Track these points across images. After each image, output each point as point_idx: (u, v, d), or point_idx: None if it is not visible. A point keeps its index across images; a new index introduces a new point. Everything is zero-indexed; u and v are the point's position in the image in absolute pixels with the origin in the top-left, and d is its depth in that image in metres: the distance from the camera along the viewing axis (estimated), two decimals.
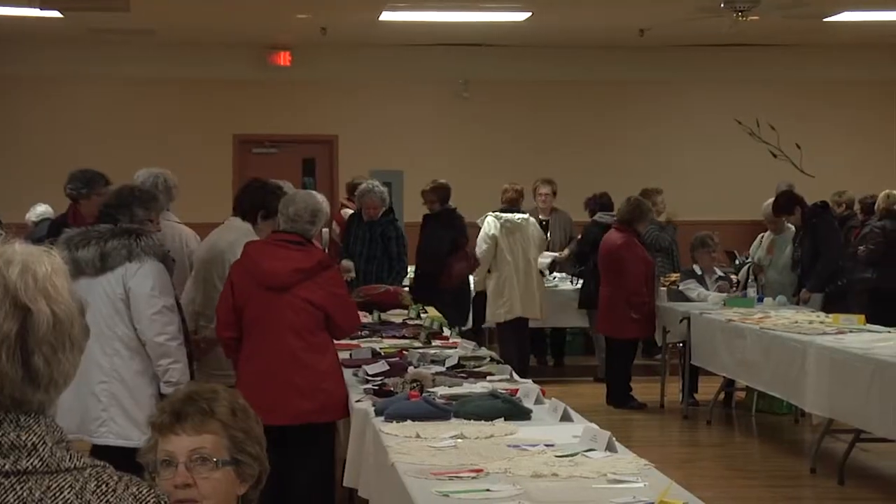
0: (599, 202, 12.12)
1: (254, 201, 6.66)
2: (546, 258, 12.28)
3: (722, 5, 11.86)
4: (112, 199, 5.94)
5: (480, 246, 11.32)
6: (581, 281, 12.01)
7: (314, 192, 6.63)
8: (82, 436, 5.60)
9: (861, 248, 11.38)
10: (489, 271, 11.34)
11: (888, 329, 8.63)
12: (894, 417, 7.01)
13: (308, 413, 5.96)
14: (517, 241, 11.35)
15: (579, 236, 12.25)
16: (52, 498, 1.77)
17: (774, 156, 15.36)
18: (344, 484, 5.72)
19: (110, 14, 12.40)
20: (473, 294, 11.61)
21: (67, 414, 5.34)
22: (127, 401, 5.61)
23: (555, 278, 12.41)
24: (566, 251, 12.52)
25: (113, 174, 9.55)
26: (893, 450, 8.38)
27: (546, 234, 12.53)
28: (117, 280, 5.59)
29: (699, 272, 11.04)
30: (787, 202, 10.60)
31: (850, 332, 8.47)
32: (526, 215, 11.49)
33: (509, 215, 11.36)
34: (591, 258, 11.74)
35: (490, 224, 11.33)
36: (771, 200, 10.96)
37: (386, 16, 13.10)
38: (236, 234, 6.52)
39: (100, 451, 5.43)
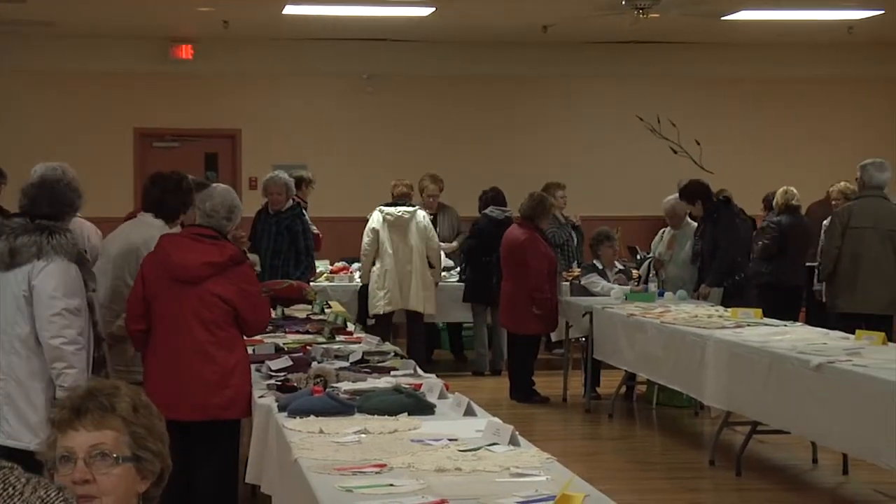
0: (490, 197, 12.20)
1: (177, 203, 6.55)
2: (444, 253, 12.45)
3: (623, 3, 12.00)
4: (47, 194, 5.70)
5: (364, 239, 11.63)
6: (465, 274, 12.15)
7: (231, 188, 6.56)
8: None
9: (760, 242, 11.61)
10: (373, 264, 11.58)
11: (784, 323, 8.80)
12: (790, 409, 7.15)
13: (216, 408, 5.91)
14: (400, 234, 11.51)
15: (467, 231, 12.39)
16: None
17: (675, 152, 15.56)
18: (246, 480, 5.70)
19: (5, 4, 12.17)
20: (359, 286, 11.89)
21: None
22: (21, 402, 5.47)
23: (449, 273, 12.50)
24: (454, 244, 12.66)
25: (10, 168, 9.41)
26: (789, 441, 8.54)
27: (435, 230, 12.68)
28: (24, 277, 5.46)
29: (600, 267, 11.16)
30: (693, 191, 10.69)
31: (748, 325, 8.61)
32: (413, 208, 11.63)
33: (393, 209, 11.57)
34: (479, 252, 11.85)
35: (374, 218, 11.65)
36: (672, 196, 11.09)
37: (289, 10, 13.03)
38: (152, 230, 6.40)
39: None
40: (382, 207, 11.67)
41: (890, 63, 15.98)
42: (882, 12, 13.44)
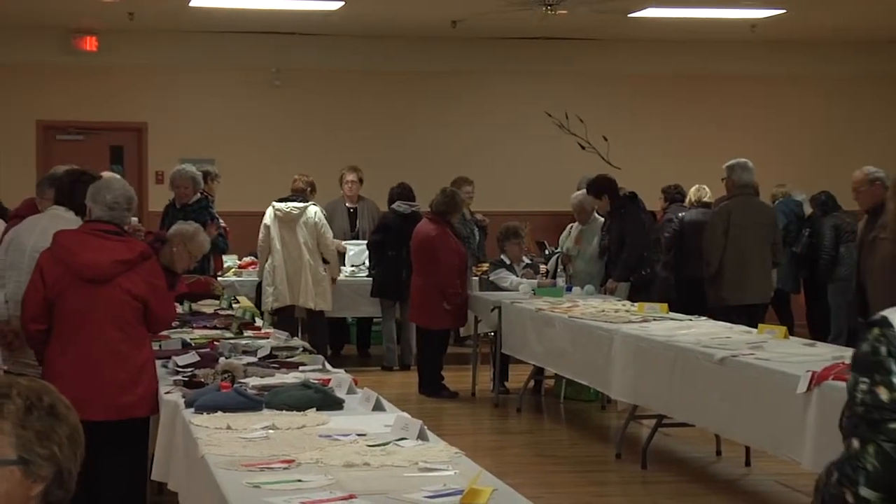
0: (397, 192, 12.20)
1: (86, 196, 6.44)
2: (354, 249, 12.43)
3: None
4: None
5: (259, 235, 11.65)
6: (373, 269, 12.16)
7: (121, 177, 6.47)
8: None
9: (666, 235, 11.81)
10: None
11: (689, 317, 8.91)
12: (694, 402, 7.25)
13: (127, 407, 5.84)
14: (290, 230, 11.50)
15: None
16: None
17: (583, 148, 15.68)
18: (153, 477, 5.63)
19: None
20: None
21: None
22: None
23: (354, 267, 12.48)
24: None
25: None
26: (693, 434, 8.66)
27: (355, 223, 12.68)
28: None
29: (508, 262, 11.21)
30: (600, 186, 10.84)
31: (654, 320, 8.71)
32: (306, 204, 11.58)
33: (284, 204, 11.55)
34: (387, 246, 11.85)
35: (267, 213, 11.67)
36: (580, 192, 11.19)
37: (196, 2, 12.90)
38: (70, 224, 6.26)
39: None
40: (275, 203, 11.65)
41: (792, 61, 16.27)
42: (783, 11, 13.68)
